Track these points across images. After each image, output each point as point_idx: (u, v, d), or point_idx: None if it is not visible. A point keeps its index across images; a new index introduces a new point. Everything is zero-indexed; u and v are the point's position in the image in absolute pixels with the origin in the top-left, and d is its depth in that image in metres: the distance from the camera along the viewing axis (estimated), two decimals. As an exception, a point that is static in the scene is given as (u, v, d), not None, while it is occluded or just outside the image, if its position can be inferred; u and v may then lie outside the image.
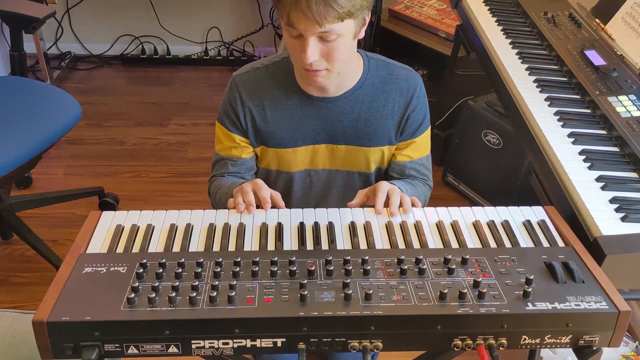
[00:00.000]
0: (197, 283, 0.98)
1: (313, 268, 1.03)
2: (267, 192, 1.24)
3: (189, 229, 1.17)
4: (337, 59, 1.23)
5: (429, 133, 1.49)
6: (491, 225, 1.19)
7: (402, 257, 1.05)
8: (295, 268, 1.02)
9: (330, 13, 1.13)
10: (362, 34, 1.27)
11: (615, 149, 1.38)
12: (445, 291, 0.97)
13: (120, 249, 1.11)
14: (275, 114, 1.40)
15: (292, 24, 1.17)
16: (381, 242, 1.14)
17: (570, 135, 1.41)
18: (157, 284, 0.98)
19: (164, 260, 1.04)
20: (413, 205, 1.24)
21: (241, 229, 1.16)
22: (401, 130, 1.44)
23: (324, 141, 1.43)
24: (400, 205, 1.23)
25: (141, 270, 1.02)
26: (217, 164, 1.50)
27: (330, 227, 1.17)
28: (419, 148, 1.48)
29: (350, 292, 0.96)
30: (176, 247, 1.12)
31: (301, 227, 1.17)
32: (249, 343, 0.95)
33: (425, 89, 1.46)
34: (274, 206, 1.24)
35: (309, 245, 1.13)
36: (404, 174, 1.48)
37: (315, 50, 1.19)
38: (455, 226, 1.18)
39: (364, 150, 1.43)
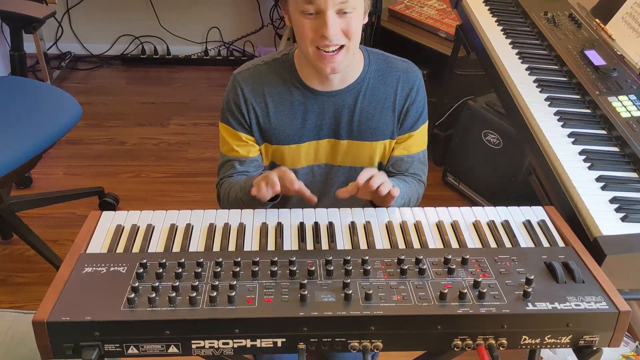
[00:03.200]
0: (197, 283, 0.98)
1: (313, 268, 1.03)
2: (293, 176, 1.23)
3: (189, 229, 1.17)
4: (353, 33, 1.26)
5: (426, 128, 1.50)
6: (491, 225, 1.19)
7: (402, 257, 1.05)
8: (295, 268, 1.02)
9: None
10: (365, 19, 1.31)
11: (615, 149, 1.38)
12: (445, 291, 0.97)
13: (120, 249, 1.11)
14: (279, 111, 1.40)
15: None
16: (381, 242, 1.14)
17: (570, 135, 1.41)
18: (157, 284, 0.98)
19: (164, 260, 1.04)
20: (390, 195, 1.24)
21: (241, 229, 1.17)
22: (400, 123, 1.44)
23: (327, 136, 1.43)
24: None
25: (141, 270, 1.02)
26: (223, 166, 1.47)
27: (330, 227, 1.17)
28: (416, 142, 1.48)
29: (350, 292, 0.96)
30: (176, 247, 1.12)
31: (301, 227, 1.17)
32: (249, 343, 0.95)
33: (426, 89, 1.47)
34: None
35: (309, 245, 1.13)
36: (401, 168, 1.48)
37: (335, 24, 1.22)
38: (455, 226, 1.18)
39: (367, 144, 1.43)
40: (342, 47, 1.26)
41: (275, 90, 1.39)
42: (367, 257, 1.05)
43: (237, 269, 1.02)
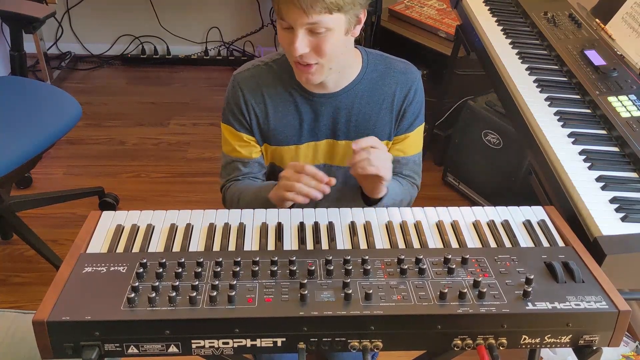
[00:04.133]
0: (197, 283, 0.98)
1: (313, 268, 1.03)
2: (313, 169, 1.21)
3: (189, 229, 1.17)
4: (326, 53, 1.23)
5: (422, 130, 1.49)
6: (491, 225, 1.19)
7: (402, 257, 1.05)
8: (295, 268, 1.02)
9: (318, 3, 1.15)
10: (356, 32, 1.28)
11: (615, 149, 1.38)
12: (445, 291, 0.97)
13: (120, 248, 1.11)
14: (277, 112, 1.40)
15: (282, 15, 1.19)
16: (381, 242, 1.14)
17: (570, 135, 1.41)
18: (157, 283, 0.98)
19: (164, 260, 1.04)
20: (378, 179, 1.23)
21: (241, 229, 1.17)
22: (397, 124, 1.44)
23: (325, 137, 1.43)
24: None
25: (141, 270, 1.02)
26: (226, 167, 1.48)
27: (330, 227, 1.17)
28: (412, 143, 1.47)
29: (350, 291, 0.96)
30: (176, 247, 1.12)
31: (301, 227, 1.17)
32: (249, 343, 0.95)
33: (425, 89, 1.46)
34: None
35: (309, 245, 1.13)
36: (395, 169, 1.47)
37: (304, 42, 1.21)
38: (455, 226, 1.18)
39: None
40: (316, 63, 1.25)
41: (274, 91, 1.39)
42: (367, 257, 1.05)
43: (237, 269, 1.02)
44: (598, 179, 1.27)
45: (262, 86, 1.39)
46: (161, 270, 1.01)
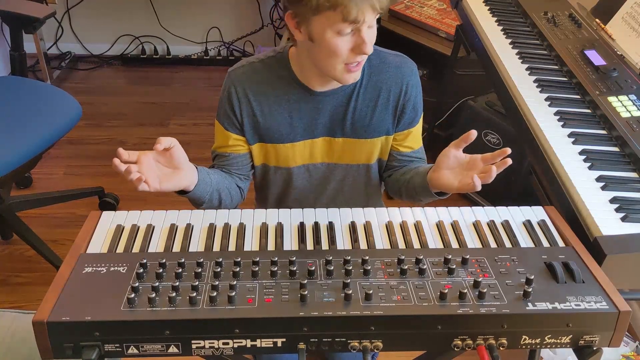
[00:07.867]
0: (197, 283, 0.98)
1: (313, 268, 1.03)
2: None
3: (189, 229, 1.17)
4: (374, 42, 1.27)
5: (421, 121, 1.50)
6: (491, 225, 1.19)
7: (402, 257, 1.05)
8: (295, 268, 1.02)
9: None
10: None
11: (615, 149, 1.38)
12: (446, 291, 0.97)
13: (120, 249, 1.11)
14: (273, 109, 1.39)
15: (352, 17, 1.17)
16: (381, 242, 1.14)
17: (570, 135, 1.41)
18: (157, 284, 0.98)
19: (164, 260, 1.04)
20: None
21: (241, 229, 1.17)
22: (397, 120, 1.43)
23: (322, 134, 1.43)
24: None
25: (141, 270, 1.02)
26: (214, 159, 1.52)
27: (330, 227, 1.17)
28: (416, 138, 1.48)
29: (350, 292, 0.96)
30: (176, 247, 1.12)
31: (301, 227, 1.17)
32: (249, 343, 0.95)
33: (425, 89, 1.46)
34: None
35: (309, 245, 1.13)
36: (405, 163, 1.48)
37: (371, 39, 1.23)
38: (455, 226, 1.18)
39: (362, 142, 1.43)
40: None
41: (270, 88, 1.39)
42: (367, 257, 1.05)
43: (237, 269, 1.02)
44: (598, 179, 1.27)
45: (258, 83, 1.39)
46: (161, 270, 1.01)
